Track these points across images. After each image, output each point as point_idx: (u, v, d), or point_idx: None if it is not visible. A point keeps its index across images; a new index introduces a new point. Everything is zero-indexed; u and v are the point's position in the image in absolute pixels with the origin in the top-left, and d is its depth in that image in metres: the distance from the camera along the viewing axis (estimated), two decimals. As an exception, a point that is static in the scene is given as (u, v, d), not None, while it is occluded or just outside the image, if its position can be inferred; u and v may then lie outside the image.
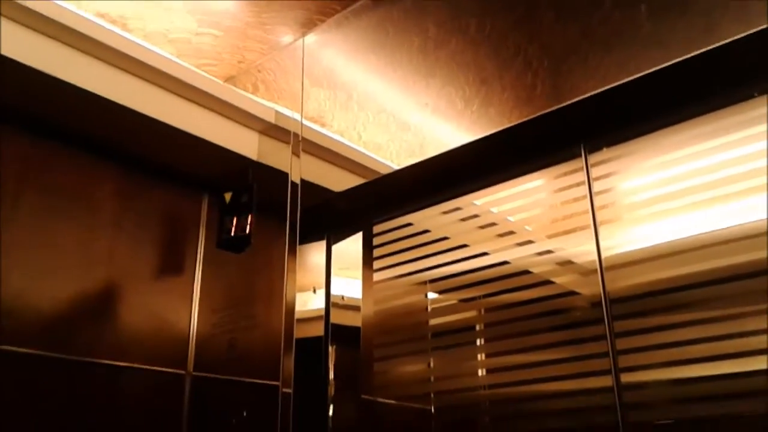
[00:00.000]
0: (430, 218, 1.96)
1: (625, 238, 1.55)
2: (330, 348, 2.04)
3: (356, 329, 2.05)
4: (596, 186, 1.60)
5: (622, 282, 1.51)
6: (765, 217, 1.36)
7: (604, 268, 1.52)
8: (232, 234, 2.02)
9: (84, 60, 1.81)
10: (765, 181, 1.39)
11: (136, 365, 1.96)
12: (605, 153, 1.63)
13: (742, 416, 1.32)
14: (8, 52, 1.63)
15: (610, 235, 1.57)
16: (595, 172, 1.62)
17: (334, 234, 2.15)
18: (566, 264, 1.66)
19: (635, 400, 1.43)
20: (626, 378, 1.43)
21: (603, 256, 1.54)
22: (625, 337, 1.47)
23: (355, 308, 2.08)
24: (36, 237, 1.82)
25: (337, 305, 2.08)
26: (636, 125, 1.61)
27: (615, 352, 1.46)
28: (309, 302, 2.09)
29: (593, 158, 1.63)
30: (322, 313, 2.07)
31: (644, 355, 1.45)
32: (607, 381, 1.45)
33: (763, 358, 1.37)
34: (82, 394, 1.83)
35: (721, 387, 1.36)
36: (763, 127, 1.39)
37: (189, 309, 2.12)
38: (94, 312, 1.92)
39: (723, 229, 1.42)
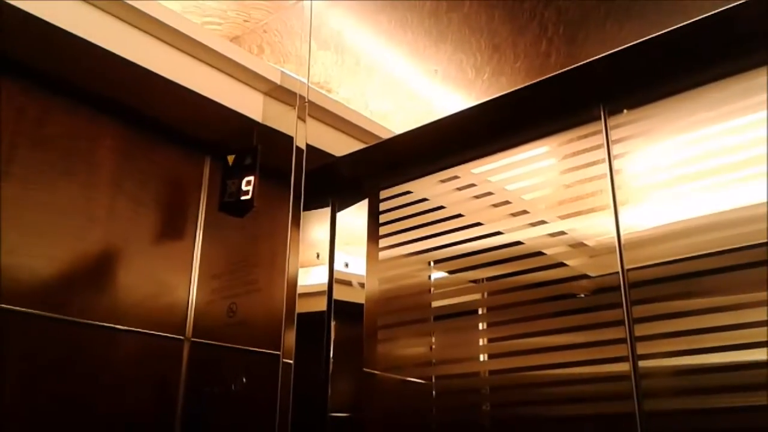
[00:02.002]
0: (441, 192, 1.87)
1: (646, 210, 1.48)
2: (332, 322, 1.99)
3: (358, 305, 1.99)
4: (615, 150, 1.53)
5: (641, 254, 1.44)
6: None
7: (623, 244, 1.45)
8: (235, 197, 1.96)
9: (85, 9, 1.74)
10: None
11: (133, 329, 1.91)
12: (625, 116, 1.56)
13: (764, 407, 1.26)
14: (6, -2, 1.57)
15: (630, 206, 1.49)
16: (614, 135, 1.55)
17: (339, 200, 2.09)
18: (580, 245, 1.59)
19: (654, 387, 1.36)
20: (645, 365, 1.37)
21: (622, 229, 1.47)
22: (645, 322, 1.40)
23: (359, 283, 2.02)
24: (32, 193, 1.77)
25: (340, 280, 2.02)
26: (657, 87, 1.54)
27: (633, 338, 1.39)
28: (312, 272, 2.03)
29: (612, 121, 1.56)
30: (324, 288, 2.01)
31: (664, 342, 1.38)
32: (624, 367, 1.38)
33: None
34: (78, 355, 1.79)
35: (741, 377, 1.29)
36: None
37: (189, 273, 2.07)
38: (92, 273, 1.87)
39: (751, 205, 1.34)
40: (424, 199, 1.87)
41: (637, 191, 1.51)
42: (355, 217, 2.07)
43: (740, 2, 1.34)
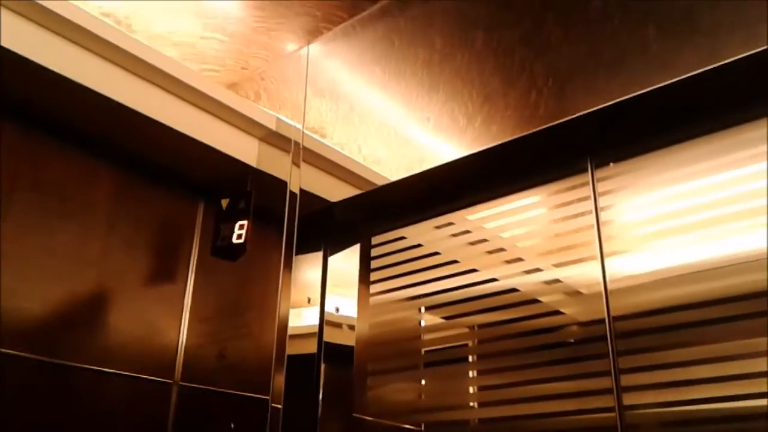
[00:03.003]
0: (436, 238, 1.90)
1: (630, 257, 1.51)
2: (322, 365, 1.98)
3: (348, 347, 1.99)
4: (601, 202, 1.57)
5: (626, 301, 1.47)
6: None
7: (609, 287, 1.48)
8: (228, 241, 1.97)
9: (85, 56, 1.78)
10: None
11: (122, 372, 1.90)
12: (612, 169, 1.60)
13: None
14: (8, 44, 1.60)
15: (615, 253, 1.53)
16: (600, 187, 1.58)
17: (331, 245, 2.10)
18: (571, 292, 1.62)
19: (637, 421, 1.37)
20: (629, 399, 1.38)
21: (607, 273, 1.50)
22: (628, 356, 1.42)
23: (349, 326, 2.02)
24: (27, 236, 1.78)
25: (330, 323, 2.02)
26: (643, 142, 1.58)
27: (617, 371, 1.41)
28: (303, 315, 2.03)
29: (599, 173, 1.59)
30: (315, 330, 2.01)
31: (647, 375, 1.40)
32: (609, 401, 1.40)
33: (764, 381, 1.33)
34: (65, 398, 1.77)
35: (723, 409, 1.31)
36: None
37: (179, 317, 2.07)
38: (83, 315, 1.87)
39: (731, 253, 1.39)
40: (418, 245, 1.90)
41: (623, 242, 1.54)
42: (346, 262, 2.09)
43: (724, 62, 1.39)
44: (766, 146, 1.38)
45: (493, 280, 1.72)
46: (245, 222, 1.98)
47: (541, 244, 1.75)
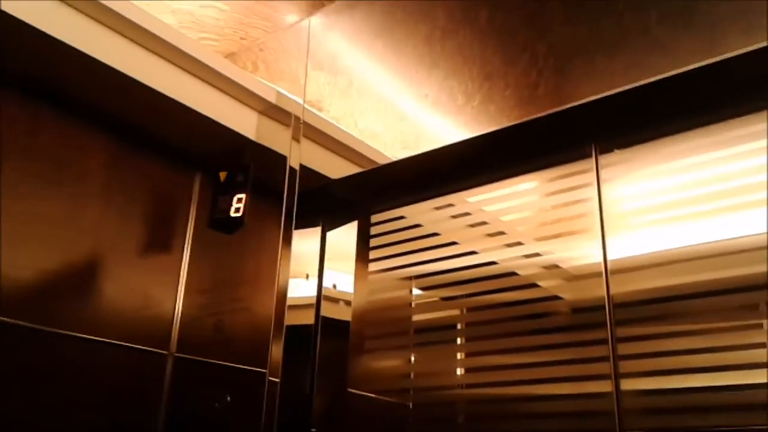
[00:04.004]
0: (436, 219, 1.91)
1: (631, 242, 1.54)
2: (318, 337, 2.00)
3: (343, 322, 2.01)
4: (605, 188, 1.59)
5: (626, 287, 1.49)
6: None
7: (610, 271, 1.51)
8: (225, 214, 1.96)
9: (81, 20, 1.74)
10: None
11: (116, 342, 1.90)
12: (616, 155, 1.61)
13: (740, 429, 1.32)
14: (5, 7, 1.55)
15: (616, 238, 1.55)
16: (604, 173, 1.60)
17: (329, 221, 2.10)
18: (568, 274, 1.65)
19: (635, 406, 1.41)
20: (626, 385, 1.42)
21: (609, 259, 1.52)
22: (628, 342, 1.46)
23: (345, 301, 2.04)
24: (20, 203, 1.75)
25: (328, 297, 2.03)
26: (647, 130, 1.60)
27: (616, 356, 1.44)
28: (298, 290, 2.04)
29: (603, 160, 1.61)
30: (312, 301, 2.03)
31: (646, 362, 1.44)
32: (606, 386, 1.43)
33: (763, 371, 1.38)
34: (58, 367, 1.77)
35: (721, 399, 1.35)
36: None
37: (175, 288, 2.06)
38: (76, 284, 1.86)
39: (731, 239, 1.42)
40: (417, 225, 1.91)
41: (625, 228, 1.57)
42: (344, 239, 2.09)
43: (731, 55, 1.40)
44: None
45: (493, 263, 1.74)
46: (243, 195, 1.98)
47: (542, 228, 1.77)
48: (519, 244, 1.73)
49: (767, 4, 1.41)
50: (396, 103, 2.15)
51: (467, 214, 1.86)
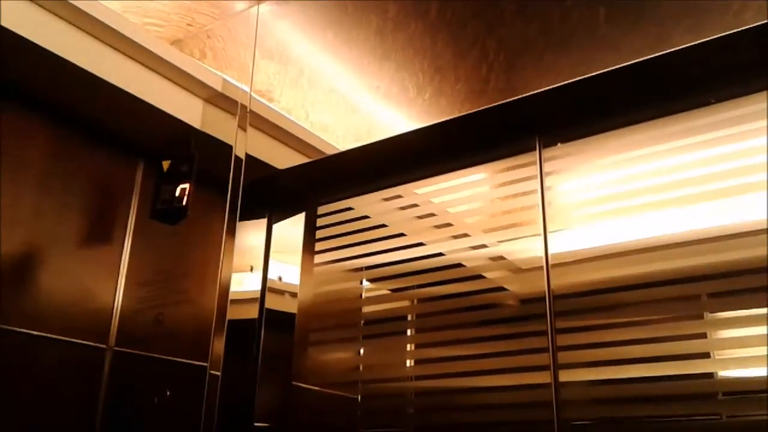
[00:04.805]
0: (383, 210, 1.90)
1: (572, 236, 1.55)
2: (262, 331, 1.97)
3: (289, 315, 1.98)
4: (547, 181, 1.59)
5: (567, 279, 1.50)
6: (718, 223, 1.38)
7: (551, 265, 1.52)
8: (168, 204, 1.91)
9: (20, 4, 1.67)
10: (714, 188, 1.41)
11: (53, 336, 1.83)
12: (559, 149, 1.62)
13: (680, 419, 1.34)
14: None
15: (558, 231, 1.56)
16: (547, 166, 1.61)
17: (275, 213, 2.07)
18: (512, 266, 1.65)
19: (572, 397, 1.42)
20: (565, 376, 1.43)
21: (549, 252, 1.53)
22: (566, 333, 1.47)
23: (291, 293, 2.01)
24: (-50, 191, 1.68)
25: (273, 290, 2.00)
26: (591, 123, 1.61)
27: (555, 348, 1.45)
28: (244, 281, 2.00)
29: (547, 153, 1.62)
30: (257, 295, 1.99)
31: (584, 353, 1.45)
32: (545, 377, 1.44)
33: (699, 362, 1.40)
34: (-9, 363, 1.70)
35: (657, 389, 1.37)
36: (718, 134, 1.42)
37: (115, 280, 2.00)
38: (13, 276, 1.78)
39: (674, 233, 1.44)
40: (365, 216, 1.89)
41: (566, 221, 1.58)
42: (291, 230, 2.06)
43: (674, 49, 1.42)
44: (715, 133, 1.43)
45: (440, 254, 1.73)
46: (187, 185, 1.93)
47: (487, 220, 1.77)
48: (466, 235, 1.73)
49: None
50: (347, 95, 2.13)
51: (415, 205, 1.85)
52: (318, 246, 1.96)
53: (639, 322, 1.43)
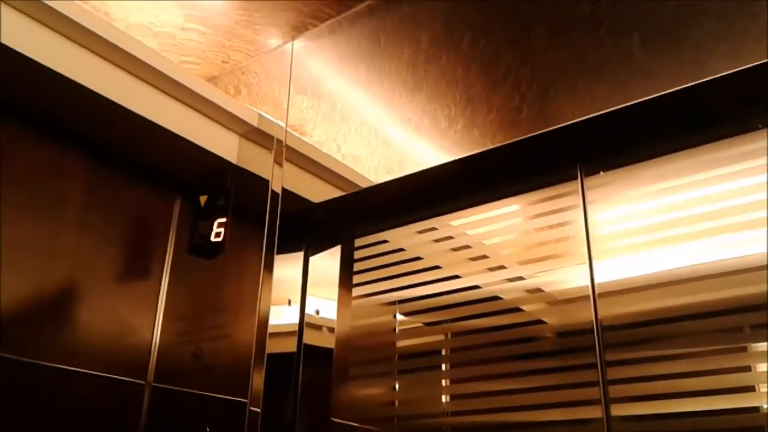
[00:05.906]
0: (419, 243, 1.89)
1: (618, 265, 1.52)
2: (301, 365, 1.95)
3: (326, 349, 1.96)
4: (591, 210, 1.57)
5: (614, 310, 1.47)
6: (763, 251, 1.34)
7: (597, 294, 1.49)
8: (206, 239, 1.92)
9: (60, 42, 1.71)
10: (763, 216, 1.37)
11: (92, 371, 1.83)
12: (602, 177, 1.60)
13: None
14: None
15: (602, 260, 1.53)
16: (590, 195, 1.59)
17: (312, 246, 2.07)
18: (550, 297, 1.62)
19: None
20: (617, 410, 1.39)
21: (596, 283, 1.50)
22: (616, 366, 1.43)
23: (328, 327, 1.99)
24: (-5, 229, 1.70)
25: (310, 324, 1.99)
26: (634, 151, 1.59)
27: (606, 381, 1.41)
28: (282, 315, 2.00)
29: (589, 182, 1.60)
30: (294, 328, 1.98)
31: (634, 386, 1.42)
32: (596, 412, 1.40)
33: (751, 395, 1.36)
34: (32, 398, 1.71)
35: (706, 423, 1.33)
36: (764, 160, 1.39)
37: (153, 315, 2.01)
38: (52, 312, 1.80)
39: (718, 261, 1.41)
40: (401, 249, 1.88)
41: (612, 251, 1.55)
42: (327, 264, 2.06)
43: (716, 77, 1.40)
44: (764, 159, 1.40)
45: (475, 287, 1.71)
46: (224, 219, 1.94)
47: (527, 252, 1.75)
48: (502, 267, 1.71)
49: None
50: (379, 128, 2.14)
51: (450, 237, 1.84)
52: (355, 279, 1.95)
53: (685, 354, 1.39)
